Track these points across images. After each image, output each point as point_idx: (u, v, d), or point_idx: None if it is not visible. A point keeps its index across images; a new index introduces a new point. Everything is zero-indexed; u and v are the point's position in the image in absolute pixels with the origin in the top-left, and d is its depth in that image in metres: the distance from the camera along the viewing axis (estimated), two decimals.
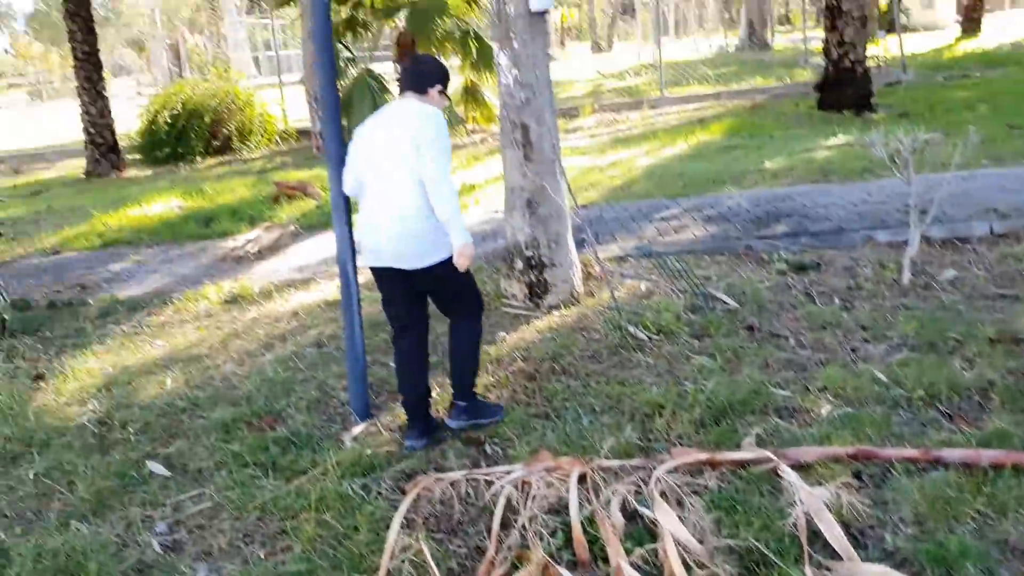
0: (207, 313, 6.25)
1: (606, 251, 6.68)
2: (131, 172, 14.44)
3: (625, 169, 10.30)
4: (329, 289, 6.51)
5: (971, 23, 29.18)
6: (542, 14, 5.54)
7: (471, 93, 15.26)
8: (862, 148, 9.94)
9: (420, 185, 3.72)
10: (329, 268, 7.06)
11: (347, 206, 4.28)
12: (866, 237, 6.55)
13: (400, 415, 4.23)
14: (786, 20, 51.77)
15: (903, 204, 7.31)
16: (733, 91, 17.56)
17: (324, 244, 7.96)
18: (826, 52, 13.41)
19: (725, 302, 5.50)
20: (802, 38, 25.55)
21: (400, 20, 14.31)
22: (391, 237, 3.80)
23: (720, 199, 8.16)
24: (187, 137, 14.64)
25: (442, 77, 3.98)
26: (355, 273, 4.37)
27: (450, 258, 3.78)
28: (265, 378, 4.90)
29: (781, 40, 33.97)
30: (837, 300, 5.42)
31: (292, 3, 15.34)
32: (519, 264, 5.81)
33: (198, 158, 14.75)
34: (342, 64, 14.80)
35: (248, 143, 15.20)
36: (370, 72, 15.19)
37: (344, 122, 13.96)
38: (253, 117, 15.43)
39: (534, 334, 5.26)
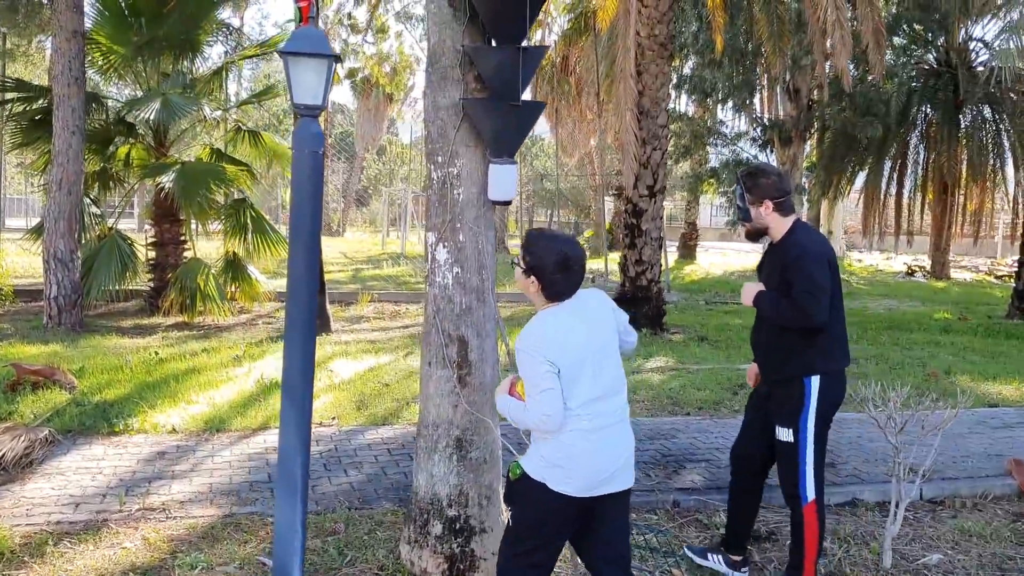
0: None
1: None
2: None
3: None
4: (134, 544, 4.53)
5: (687, 250, 31.60)
6: (496, 204, 4.32)
7: (235, 267, 13.50)
8: (690, 375, 9.48)
9: None
10: (121, 505, 5.04)
11: (305, 456, 2.65)
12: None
13: None
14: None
15: None
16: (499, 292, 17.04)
17: (98, 460, 5.88)
18: (623, 269, 13.19)
19: None
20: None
21: (165, 179, 12.42)
22: (631, 446, 3.39)
23: None
24: None
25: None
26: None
27: None
28: None
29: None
30: None
31: (28, 147, 13.03)
32: (436, 528, 4.26)
33: None
34: (87, 220, 12.63)
35: None
36: (119, 232, 13.10)
37: (83, 284, 11.77)
38: None
39: None
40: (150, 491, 5.30)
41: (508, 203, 4.32)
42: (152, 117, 12.09)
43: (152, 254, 13.63)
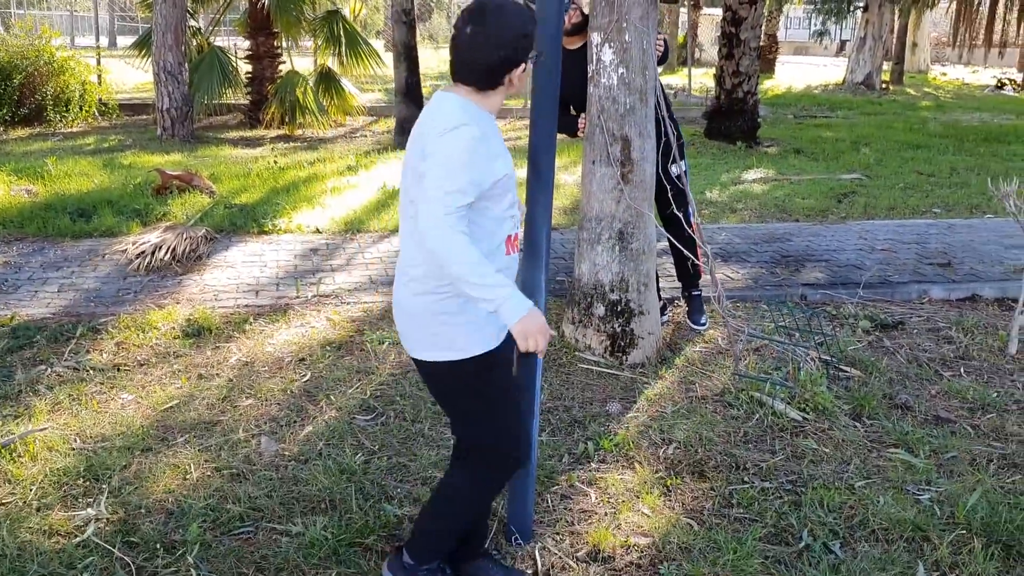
0: (170, 351, 4.60)
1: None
2: None
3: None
4: (321, 324, 5.04)
5: (766, 63, 30.70)
6: (663, 2, 4.46)
7: (329, 80, 13.67)
8: (791, 184, 9.65)
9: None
10: (297, 292, 5.54)
11: (548, 226, 3.00)
12: (921, 292, 5.96)
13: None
14: None
15: (915, 253, 6.88)
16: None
17: (259, 255, 6.38)
18: (719, 81, 13.10)
19: (845, 371, 4.67)
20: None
21: None
22: (394, 304, 2.57)
23: (705, 232, 7.39)
24: None
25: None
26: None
27: (453, 362, 2.44)
28: (334, 468, 3.46)
29: None
30: (964, 372, 4.73)
31: None
32: (599, 310, 4.67)
33: (0, 127, 12.17)
34: (188, 34, 12.82)
35: (65, 115, 12.73)
36: (218, 47, 13.31)
37: (192, 97, 12.10)
38: (72, 85, 12.95)
39: (651, 406, 4.16)
40: (319, 281, 5.78)
41: (676, 1, 4.46)
42: None
43: (248, 68, 13.84)
